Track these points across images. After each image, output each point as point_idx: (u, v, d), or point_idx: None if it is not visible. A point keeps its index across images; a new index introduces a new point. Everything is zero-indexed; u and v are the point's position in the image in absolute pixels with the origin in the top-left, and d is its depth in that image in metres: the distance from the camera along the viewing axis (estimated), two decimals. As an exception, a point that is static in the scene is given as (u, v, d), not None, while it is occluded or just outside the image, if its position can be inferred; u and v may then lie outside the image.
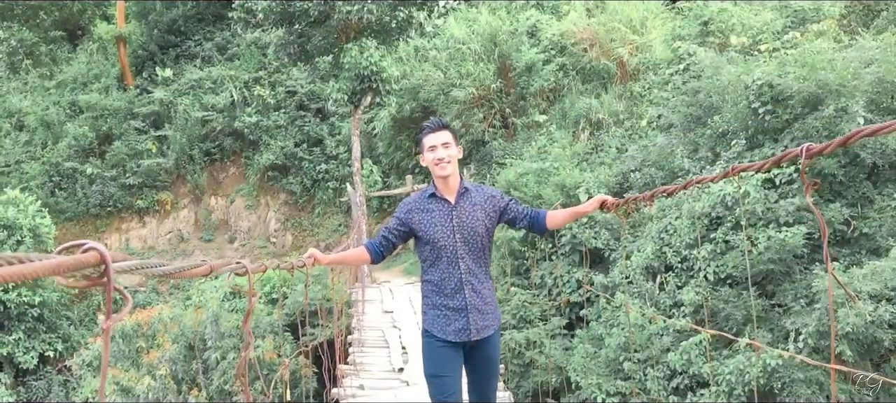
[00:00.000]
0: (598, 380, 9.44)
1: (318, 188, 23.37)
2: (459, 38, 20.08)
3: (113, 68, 28.25)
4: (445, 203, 3.78)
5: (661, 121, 13.39)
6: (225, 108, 25.10)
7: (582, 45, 19.21)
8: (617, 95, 17.90)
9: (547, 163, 13.63)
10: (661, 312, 9.72)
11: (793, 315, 8.60)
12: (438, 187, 3.80)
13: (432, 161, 3.73)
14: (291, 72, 24.38)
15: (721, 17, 15.33)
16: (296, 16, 17.03)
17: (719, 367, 8.63)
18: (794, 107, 9.77)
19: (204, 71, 26.84)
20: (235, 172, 24.94)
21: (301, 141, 23.97)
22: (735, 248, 9.24)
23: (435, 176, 3.79)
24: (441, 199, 3.80)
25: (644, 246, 10.57)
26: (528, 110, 18.75)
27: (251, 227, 23.81)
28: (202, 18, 29.54)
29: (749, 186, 9.34)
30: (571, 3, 21.57)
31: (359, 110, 17.32)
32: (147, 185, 24.29)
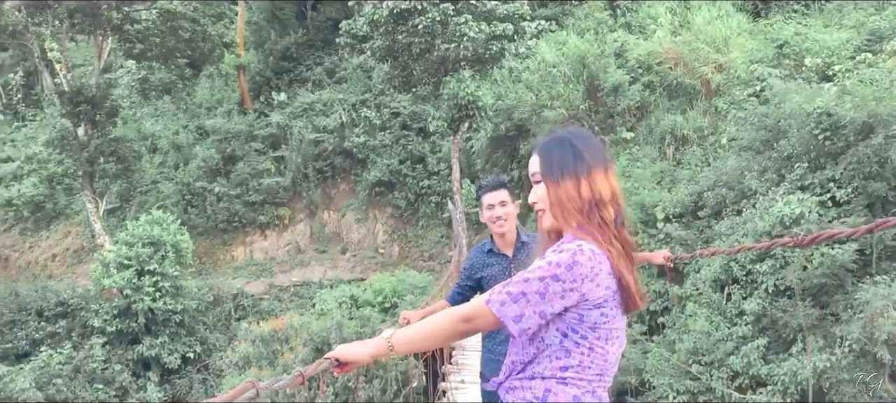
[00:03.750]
0: (669, 380, 10.76)
1: (422, 202, 25.17)
2: (550, 61, 21.39)
3: (234, 94, 31.00)
4: (503, 257, 4.01)
5: (734, 142, 14.46)
6: (335, 129, 27.26)
7: (667, 64, 20.21)
8: (702, 111, 18.82)
9: (628, 183, 14.91)
10: (726, 320, 10.96)
11: (842, 323, 9.71)
12: (496, 242, 4.05)
13: (490, 218, 3.93)
14: (395, 96, 26.31)
15: (795, 41, 16.14)
16: (399, 51, 18.90)
17: (775, 369, 9.83)
18: (848, 135, 10.82)
19: (315, 94, 29.13)
20: (346, 188, 27.09)
21: (405, 158, 25.83)
22: (792, 264, 10.39)
23: (493, 232, 4.02)
24: (499, 254, 4.02)
25: (713, 261, 11.79)
26: (616, 128, 19.90)
27: (361, 239, 25.87)
28: (312, 44, 31.89)
29: (804, 208, 10.45)
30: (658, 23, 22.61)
31: (458, 135, 19.01)
32: (267, 202, 26.68)
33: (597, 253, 1.90)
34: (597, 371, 1.93)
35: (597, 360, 1.92)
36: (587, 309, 1.89)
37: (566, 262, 1.86)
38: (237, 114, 29.76)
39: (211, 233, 26.35)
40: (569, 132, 2.12)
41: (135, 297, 19.49)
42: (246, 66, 30.29)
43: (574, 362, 1.90)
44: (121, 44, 24.75)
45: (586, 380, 1.92)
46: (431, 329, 2.00)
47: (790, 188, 11.45)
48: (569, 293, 1.86)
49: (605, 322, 1.91)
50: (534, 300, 1.85)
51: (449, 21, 18.15)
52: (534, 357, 1.94)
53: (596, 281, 1.87)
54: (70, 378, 18.51)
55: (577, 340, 1.90)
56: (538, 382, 1.92)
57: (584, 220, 1.97)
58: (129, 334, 19.81)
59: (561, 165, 2.02)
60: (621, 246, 1.98)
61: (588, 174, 2.01)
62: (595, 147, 2.07)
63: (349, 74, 29.64)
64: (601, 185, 2.00)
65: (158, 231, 20.59)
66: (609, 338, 1.94)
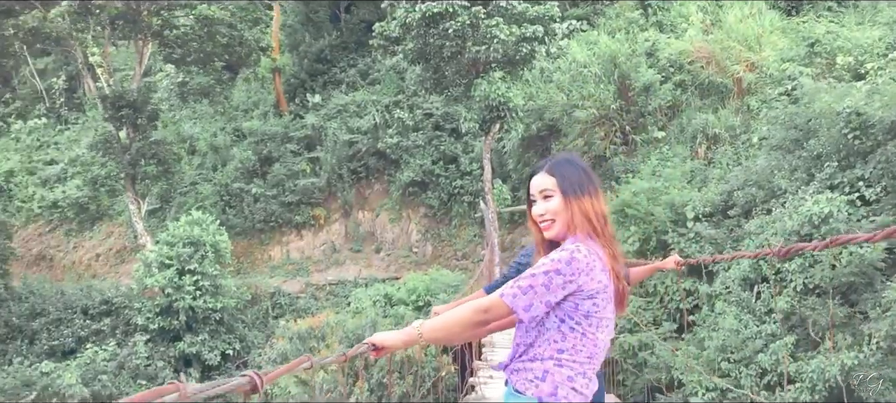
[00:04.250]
0: (698, 378, 10.91)
1: (454, 202, 25.47)
2: (581, 62, 21.53)
3: (269, 96, 31.60)
4: None
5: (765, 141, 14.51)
6: (369, 131, 27.68)
7: (699, 63, 20.25)
8: (734, 110, 18.83)
9: (659, 182, 15.04)
10: (755, 318, 11.08)
11: (870, 321, 9.79)
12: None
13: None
14: (428, 97, 26.64)
15: (827, 39, 16.13)
16: (431, 53, 19.21)
17: (804, 366, 9.95)
18: (876, 134, 10.88)
19: (349, 96, 29.59)
20: (380, 188, 27.49)
21: (438, 159, 26.15)
22: (821, 262, 10.49)
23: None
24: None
25: (743, 260, 11.90)
26: (648, 127, 19.97)
27: (395, 238, 26.24)
28: (346, 46, 32.35)
29: (833, 207, 10.54)
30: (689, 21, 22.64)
31: (489, 136, 19.28)
32: (303, 202, 27.18)
33: (591, 252, 2.24)
34: (587, 354, 2.26)
35: (588, 345, 2.25)
36: (581, 299, 2.22)
37: (566, 259, 2.20)
38: (273, 116, 30.34)
39: (248, 233, 26.92)
40: (572, 156, 2.47)
41: (176, 296, 20.07)
42: (281, 69, 30.86)
43: (568, 345, 2.23)
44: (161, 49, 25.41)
45: (578, 363, 2.24)
46: (455, 319, 2.33)
47: (819, 187, 11.52)
48: (568, 284, 2.19)
49: (596, 311, 2.24)
50: (540, 291, 2.19)
51: (480, 24, 18.41)
52: (534, 340, 2.27)
53: (590, 275, 2.21)
54: (114, 374, 19.12)
55: (572, 325, 2.23)
56: (538, 363, 2.25)
57: (594, 230, 2.31)
58: (170, 331, 20.39)
59: (578, 184, 2.37)
60: (617, 255, 2.33)
61: (596, 193, 2.38)
62: (591, 171, 2.46)
63: (382, 76, 30.05)
64: (603, 204, 2.37)
65: (198, 231, 21.15)
66: (599, 326, 2.27)
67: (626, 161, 19.17)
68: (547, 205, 2.39)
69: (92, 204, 28.91)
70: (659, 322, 13.10)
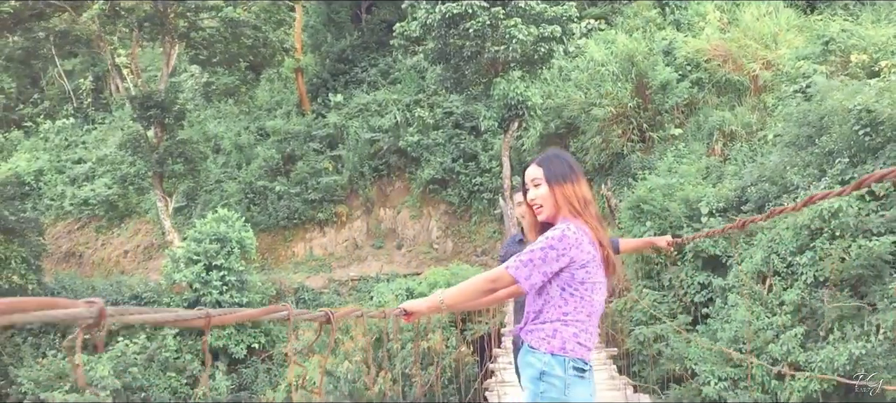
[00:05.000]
0: (711, 367, 11.25)
1: (474, 199, 25.87)
2: (598, 60, 21.84)
3: (292, 95, 32.15)
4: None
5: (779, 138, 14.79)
6: (390, 129, 28.13)
7: (716, 61, 20.50)
8: (750, 108, 19.08)
9: (674, 179, 15.35)
10: (767, 310, 11.39)
11: (878, 312, 10.09)
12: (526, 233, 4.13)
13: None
14: (448, 96, 27.05)
15: (841, 37, 16.35)
16: (451, 53, 19.63)
17: (813, 356, 10.26)
18: (886, 131, 11.15)
19: (370, 95, 30.07)
20: (401, 186, 27.95)
21: (458, 157, 26.55)
22: (831, 255, 10.79)
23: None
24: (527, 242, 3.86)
25: (755, 254, 12.22)
26: (665, 124, 20.24)
27: (416, 235, 26.69)
28: (367, 46, 32.85)
29: (842, 202, 10.83)
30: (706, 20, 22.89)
31: (508, 134, 19.67)
32: (325, 200, 27.67)
33: (579, 229, 2.70)
34: (587, 313, 2.73)
35: (586, 305, 2.72)
36: (575, 269, 2.68)
37: (558, 236, 2.67)
38: (296, 116, 30.89)
39: (272, 230, 27.46)
40: (559, 151, 2.99)
41: (203, 291, 20.63)
42: (304, 69, 31.39)
43: (570, 308, 2.70)
44: (187, 50, 26.00)
45: (580, 321, 2.72)
46: (469, 288, 2.82)
47: (831, 183, 11.80)
48: (562, 256, 2.65)
49: (589, 277, 2.71)
50: (538, 264, 2.65)
51: (499, 24, 18.83)
52: (542, 307, 2.74)
53: (580, 248, 2.67)
54: (144, 367, 19.66)
55: (572, 291, 2.69)
56: (548, 325, 2.72)
57: (576, 210, 2.78)
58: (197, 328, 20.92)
59: (561, 174, 2.85)
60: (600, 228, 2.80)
61: (578, 180, 2.85)
62: (576, 163, 2.93)
63: (403, 75, 30.50)
64: (585, 189, 2.84)
65: (224, 228, 21.69)
66: (593, 289, 2.73)
67: (643, 158, 19.44)
68: (537, 192, 2.87)
69: (121, 201, 29.60)
70: (674, 314, 13.43)
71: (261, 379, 21.06)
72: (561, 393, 2.66)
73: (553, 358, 2.68)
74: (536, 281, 2.68)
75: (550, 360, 2.68)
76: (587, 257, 2.70)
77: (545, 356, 2.70)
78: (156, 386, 19.52)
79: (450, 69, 20.61)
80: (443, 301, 2.86)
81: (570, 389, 2.67)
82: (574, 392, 2.67)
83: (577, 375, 2.69)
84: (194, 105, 32.68)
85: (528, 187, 2.94)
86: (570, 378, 2.68)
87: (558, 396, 2.66)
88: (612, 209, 18.22)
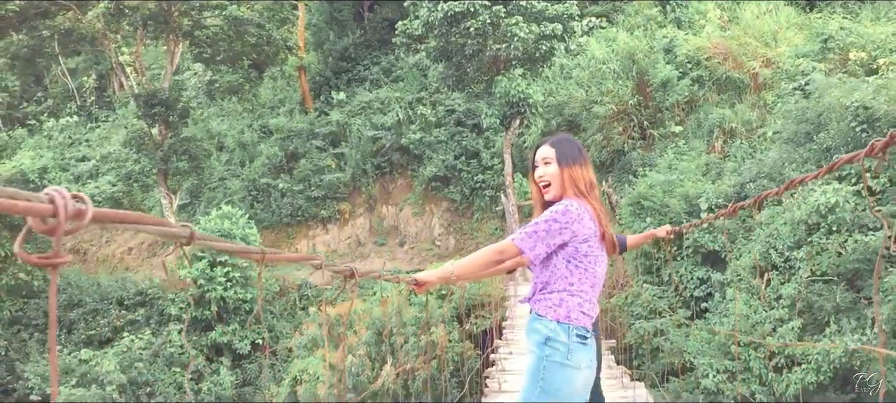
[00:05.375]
0: (710, 360, 11.42)
1: (476, 196, 26.04)
2: (600, 58, 22.00)
3: (295, 93, 32.33)
4: None
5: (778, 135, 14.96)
6: (392, 127, 28.30)
7: (716, 59, 20.66)
8: (750, 105, 19.23)
9: (674, 175, 15.52)
10: (765, 304, 11.56)
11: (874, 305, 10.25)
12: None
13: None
14: (450, 94, 27.21)
15: (840, 35, 16.51)
16: (453, 51, 19.80)
17: (809, 349, 10.43)
18: (883, 127, 11.31)
19: (372, 93, 30.24)
20: (403, 183, 28.13)
21: (460, 154, 26.72)
22: (827, 250, 10.96)
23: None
24: None
25: (753, 249, 12.39)
26: (665, 122, 20.40)
27: (418, 232, 26.87)
28: (369, 45, 33.02)
29: (839, 197, 11.00)
30: (707, 18, 23.05)
31: (510, 131, 19.83)
32: (328, 197, 27.85)
33: (581, 206, 2.92)
34: (590, 283, 2.95)
35: (589, 277, 2.94)
36: (578, 243, 2.89)
37: (561, 211, 2.88)
38: (299, 113, 31.06)
39: (276, 227, 27.65)
40: (570, 136, 3.23)
41: (208, 287, 20.81)
42: (306, 67, 31.56)
43: (575, 279, 2.91)
44: (191, 48, 26.17)
45: (584, 291, 2.94)
46: (478, 259, 3.03)
47: (828, 178, 11.98)
48: (564, 230, 2.87)
49: (591, 251, 2.93)
50: (542, 236, 2.86)
51: (500, 22, 18.99)
52: (549, 279, 2.94)
53: (581, 223, 2.89)
54: (150, 362, 19.86)
55: (577, 264, 2.91)
56: (555, 294, 2.92)
57: (581, 191, 3.00)
58: (202, 321, 21.14)
59: (572, 156, 3.07)
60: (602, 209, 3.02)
61: (586, 164, 3.08)
62: (584, 148, 3.14)
63: (405, 73, 30.67)
64: (591, 173, 3.06)
65: (228, 225, 21.88)
66: (596, 262, 2.95)
67: (643, 155, 19.60)
68: (547, 170, 3.07)
69: (126, 199, 29.79)
70: (674, 309, 13.60)
71: (265, 375, 21.25)
72: (564, 357, 2.86)
73: (558, 325, 2.88)
74: (540, 251, 2.87)
75: (556, 327, 2.89)
76: (588, 232, 2.91)
77: (551, 323, 2.90)
78: (161, 381, 19.71)
79: (452, 67, 20.78)
80: (453, 272, 3.04)
81: (573, 354, 2.88)
82: (576, 357, 2.88)
83: (579, 341, 2.90)
84: (197, 103, 32.87)
85: (538, 165, 3.13)
86: (573, 343, 2.89)
87: (561, 360, 2.87)
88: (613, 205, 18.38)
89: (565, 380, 2.88)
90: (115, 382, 18.46)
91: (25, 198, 1.07)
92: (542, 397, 2.89)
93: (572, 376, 2.89)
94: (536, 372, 2.92)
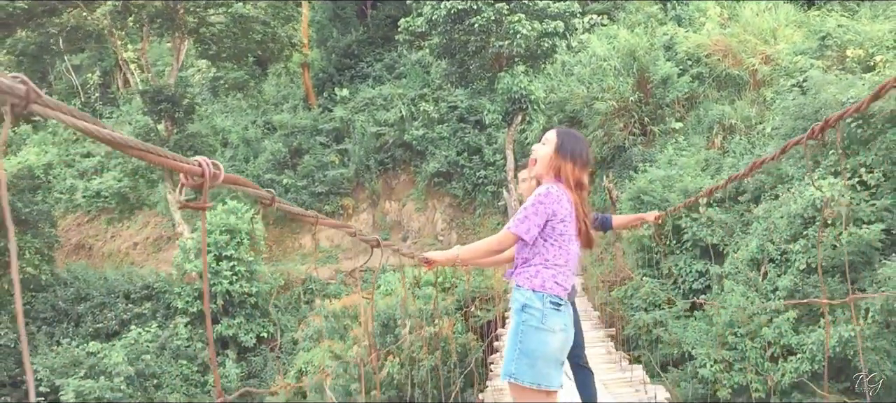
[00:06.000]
0: (707, 350, 11.70)
1: (478, 192, 26.28)
2: (601, 55, 22.22)
3: (299, 90, 32.58)
4: None
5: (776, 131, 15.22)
6: (395, 123, 28.54)
7: (716, 56, 20.90)
8: (749, 101, 19.47)
9: (674, 170, 15.78)
10: (761, 295, 11.83)
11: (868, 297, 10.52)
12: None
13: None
14: (452, 91, 27.45)
15: (837, 32, 16.73)
16: (456, 48, 20.06)
17: (804, 339, 10.70)
18: (877, 123, 11.58)
19: (375, 90, 30.48)
20: (406, 179, 28.39)
21: (462, 150, 26.97)
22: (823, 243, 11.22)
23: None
24: None
25: (751, 242, 12.66)
26: (665, 118, 20.63)
27: (421, 227, 27.13)
28: (372, 42, 33.25)
29: (834, 191, 11.27)
30: (707, 15, 23.28)
31: (512, 127, 20.10)
32: (332, 193, 28.13)
33: (560, 190, 3.28)
34: (564, 259, 3.31)
35: (563, 253, 3.30)
36: (556, 222, 3.25)
37: (543, 193, 3.25)
38: (302, 110, 31.32)
39: (280, 223, 27.90)
40: (581, 136, 3.57)
41: (214, 280, 21.09)
42: (310, 64, 31.81)
43: (551, 255, 3.27)
44: (196, 45, 26.43)
45: (559, 265, 3.29)
46: (481, 247, 3.46)
47: (824, 173, 12.25)
48: (547, 210, 3.23)
49: (567, 230, 3.28)
50: (532, 217, 3.23)
51: (503, 20, 19.24)
52: (529, 255, 3.31)
53: (560, 204, 3.24)
54: (157, 354, 20.16)
55: (553, 241, 3.27)
56: (532, 267, 3.29)
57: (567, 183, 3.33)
58: (209, 315, 21.41)
59: (570, 152, 3.39)
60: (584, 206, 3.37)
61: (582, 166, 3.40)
62: (587, 148, 3.48)
63: (408, 70, 30.90)
64: (580, 172, 3.39)
65: (234, 219, 22.15)
66: (570, 240, 3.31)
67: (644, 151, 19.84)
68: (542, 150, 3.42)
69: (132, 194, 30.07)
70: (673, 302, 13.87)
71: (270, 367, 21.53)
72: (539, 321, 3.23)
73: (534, 294, 3.26)
74: (534, 231, 3.24)
75: (531, 295, 3.26)
76: (565, 213, 3.27)
77: (528, 292, 3.27)
78: (168, 373, 20.00)
79: (455, 64, 21.04)
80: (458, 255, 3.44)
81: (547, 318, 3.24)
82: (550, 321, 3.25)
83: (553, 307, 3.27)
84: (202, 99, 33.12)
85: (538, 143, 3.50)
86: (548, 309, 3.25)
87: (537, 324, 3.24)
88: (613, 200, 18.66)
89: (541, 342, 3.24)
90: (123, 374, 18.75)
91: (183, 161, 1.59)
92: (521, 357, 3.25)
93: (547, 338, 3.24)
94: (515, 336, 3.29)
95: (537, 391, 3.28)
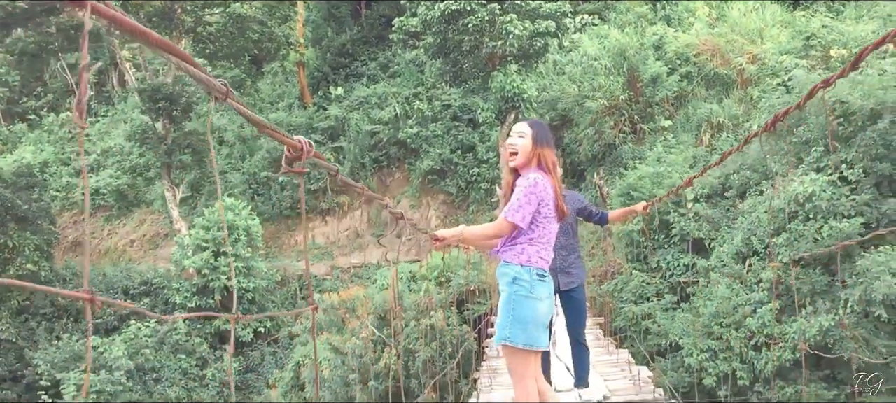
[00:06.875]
0: (694, 340, 12.13)
1: (472, 189, 26.68)
2: (592, 54, 22.62)
3: (294, 89, 32.90)
4: None
5: (761, 128, 15.63)
6: (390, 121, 28.91)
7: (704, 56, 21.34)
8: (737, 100, 19.92)
9: (663, 167, 16.22)
10: (746, 288, 12.27)
11: (847, 288, 10.97)
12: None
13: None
14: (446, 89, 27.84)
15: (822, 33, 17.17)
16: (450, 48, 20.46)
17: (787, 328, 11.14)
18: (857, 120, 12.02)
19: (370, 88, 30.83)
20: (400, 177, 28.78)
21: (456, 148, 27.35)
22: (804, 236, 11.66)
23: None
24: None
25: (736, 236, 13.09)
26: (655, 116, 21.05)
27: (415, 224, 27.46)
28: (367, 40, 33.61)
29: (816, 187, 11.70)
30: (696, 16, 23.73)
31: (505, 126, 20.50)
32: (327, 190, 28.48)
33: (544, 177, 3.76)
34: (546, 239, 3.80)
35: (546, 233, 3.80)
36: (542, 207, 3.72)
37: (533, 183, 3.71)
38: (298, 108, 31.65)
39: (276, 220, 28.26)
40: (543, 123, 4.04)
41: (212, 277, 21.46)
42: (305, 63, 32.16)
43: (535, 235, 3.76)
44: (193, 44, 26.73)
45: (542, 243, 3.78)
46: (483, 231, 3.94)
47: (806, 169, 12.68)
48: (537, 197, 3.69)
49: (548, 212, 3.77)
50: (526, 205, 3.70)
51: (496, 20, 19.64)
52: (516, 235, 3.78)
53: (546, 191, 3.73)
54: (156, 349, 20.50)
55: (538, 223, 3.76)
56: (518, 245, 3.77)
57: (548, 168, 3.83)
58: (206, 310, 21.76)
59: (545, 139, 3.89)
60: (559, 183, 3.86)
61: (553, 147, 3.91)
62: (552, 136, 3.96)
63: (402, 69, 31.27)
64: (554, 155, 3.91)
65: (231, 216, 22.49)
66: (551, 220, 3.80)
67: (634, 148, 20.24)
68: (520, 142, 3.86)
69: (130, 191, 30.38)
70: (661, 294, 14.31)
71: (267, 361, 21.90)
72: (528, 291, 3.73)
73: (522, 268, 3.76)
74: (528, 218, 3.73)
75: (520, 269, 3.76)
76: (549, 199, 3.78)
77: (516, 267, 3.74)
78: (167, 367, 20.35)
79: (448, 63, 21.45)
80: (462, 233, 3.90)
81: (535, 288, 3.75)
82: (537, 290, 3.76)
83: (539, 278, 3.78)
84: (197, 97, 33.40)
85: (512, 135, 3.92)
86: (534, 280, 3.76)
87: (526, 293, 3.73)
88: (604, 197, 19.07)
89: (530, 309, 3.72)
90: (123, 368, 19.08)
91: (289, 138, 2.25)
92: (515, 323, 3.72)
93: (536, 305, 3.74)
94: (508, 305, 3.77)
95: (528, 351, 3.75)
